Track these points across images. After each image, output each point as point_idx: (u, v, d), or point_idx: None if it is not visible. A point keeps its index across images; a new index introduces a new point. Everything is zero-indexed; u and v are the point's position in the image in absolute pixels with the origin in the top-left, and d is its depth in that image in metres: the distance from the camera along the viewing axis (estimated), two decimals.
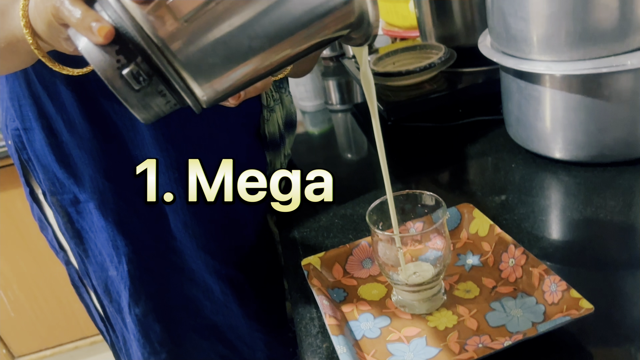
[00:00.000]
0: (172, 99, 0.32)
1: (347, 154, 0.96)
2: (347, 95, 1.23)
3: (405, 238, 0.49)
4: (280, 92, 0.72)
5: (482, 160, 0.77)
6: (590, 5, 0.58)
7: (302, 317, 0.53)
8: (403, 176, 0.76)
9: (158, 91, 0.31)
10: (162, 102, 0.32)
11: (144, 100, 0.31)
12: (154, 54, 0.30)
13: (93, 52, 0.30)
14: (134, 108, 0.32)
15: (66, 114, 0.62)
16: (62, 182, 0.66)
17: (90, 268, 0.72)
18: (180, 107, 0.33)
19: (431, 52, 0.92)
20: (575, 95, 0.63)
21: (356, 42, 0.38)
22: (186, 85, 0.31)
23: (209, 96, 0.33)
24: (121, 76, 0.30)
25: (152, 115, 0.33)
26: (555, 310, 0.45)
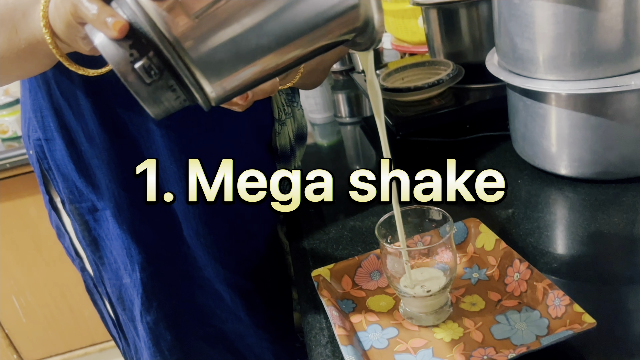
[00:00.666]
0: (181, 94, 0.33)
1: (356, 166, 0.98)
2: (356, 109, 1.25)
3: (413, 252, 0.50)
4: (292, 106, 0.74)
5: None
6: (595, 28, 0.59)
7: (312, 327, 0.55)
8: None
9: (168, 86, 0.32)
10: (172, 97, 0.33)
11: (155, 94, 0.33)
12: (165, 49, 0.31)
13: (108, 47, 0.32)
14: (145, 102, 0.33)
15: (85, 125, 0.64)
16: (81, 190, 0.68)
17: (105, 275, 0.74)
18: (189, 103, 0.34)
19: (439, 69, 0.94)
20: (580, 113, 0.64)
21: (361, 47, 0.39)
22: (195, 80, 0.32)
23: (217, 93, 0.33)
24: (134, 69, 0.32)
25: (162, 110, 0.34)
26: (559, 324, 0.46)
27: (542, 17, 0.62)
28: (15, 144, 1.59)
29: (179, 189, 0.67)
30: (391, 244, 0.52)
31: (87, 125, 0.64)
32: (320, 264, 0.61)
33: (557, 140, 0.68)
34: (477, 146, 0.85)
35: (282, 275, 0.83)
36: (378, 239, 0.51)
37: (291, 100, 0.74)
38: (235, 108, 0.51)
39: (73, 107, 0.63)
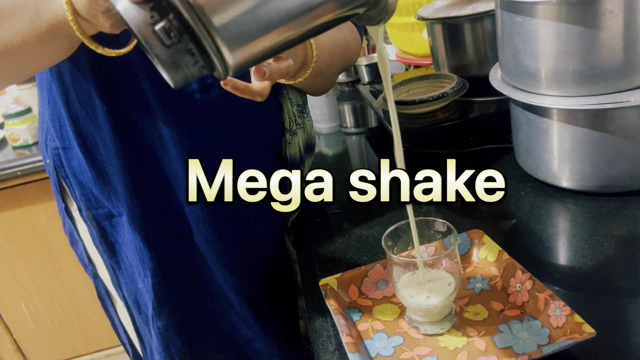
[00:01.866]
0: (200, 60, 0.34)
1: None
2: (362, 119, 1.27)
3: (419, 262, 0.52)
4: (302, 117, 0.76)
5: None
6: (596, 46, 0.61)
7: (320, 334, 0.57)
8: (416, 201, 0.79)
9: (187, 49, 0.33)
10: (191, 62, 0.33)
11: (174, 57, 0.33)
12: (185, 11, 0.32)
13: (129, 10, 0.33)
14: (164, 65, 0.33)
15: (102, 134, 0.66)
16: (98, 197, 0.70)
17: (122, 280, 0.76)
18: (207, 72, 0.35)
19: (444, 82, 0.96)
20: (581, 128, 0.66)
21: (374, 21, 0.40)
22: (214, 43, 0.33)
23: (236, 59, 0.34)
24: (154, 32, 0.32)
25: (181, 77, 0.34)
26: (560, 334, 0.48)
27: (544, 35, 0.64)
28: (26, 152, 1.62)
29: None
30: (397, 255, 0.53)
31: (103, 134, 0.66)
32: (328, 273, 0.63)
33: (559, 154, 0.69)
34: (481, 158, 0.87)
35: (289, 284, 0.85)
36: (385, 250, 0.53)
37: (302, 111, 0.76)
38: (258, 98, 0.53)
39: (91, 116, 0.66)
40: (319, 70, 0.68)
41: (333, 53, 0.72)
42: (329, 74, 0.76)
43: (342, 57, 0.76)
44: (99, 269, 0.81)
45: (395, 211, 0.77)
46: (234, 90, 0.51)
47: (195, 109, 0.65)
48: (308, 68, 0.66)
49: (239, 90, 0.51)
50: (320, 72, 0.69)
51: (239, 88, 0.51)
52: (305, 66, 0.66)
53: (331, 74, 0.77)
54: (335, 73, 0.78)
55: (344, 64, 0.78)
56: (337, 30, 0.75)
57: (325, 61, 0.69)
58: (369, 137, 1.13)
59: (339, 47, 0.74)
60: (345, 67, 0.80)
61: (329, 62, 0.70)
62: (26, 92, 1.78)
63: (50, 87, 0.68)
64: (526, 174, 0.78)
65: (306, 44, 0.65)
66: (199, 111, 0.66)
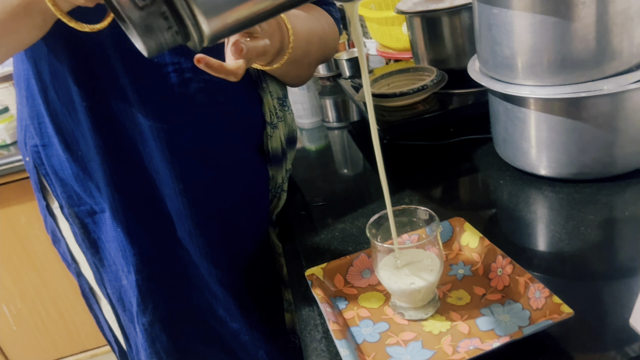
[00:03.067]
0: (174, 24, 0.33)
1: (344, 169, 1.00)
2: (344, 114, 1.28)
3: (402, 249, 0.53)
4: (283, 110, 0.77)
5: (472, 177, 0.82)
6: (570, 37, 0.63)
7: (307, 323, 0.57)
8: (397, 192, 0.80)
9: (161, 12, 0.32)
10: (164, 26, 0.33)
11: (147, 20, 0.32)
12: None
13: None
14: (137, 28, 0.33)
15: (82, 130, 0.66)
16: (79, 194, 0.70)
17: (105, 277, 0.76)
18: (181, 40, 0.34)
19: (424, 75, 0.98)
20: (557, 117, 0.68)
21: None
22: (188, 5, 0.32)
23: (211, 25, 0.33)
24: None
25: (155, 43, 0.33)
26: (539, 315, 0.49)
27: (519, 27, 0.66)
28: (5, 152, 1.60)
29: (171, 190, 0.70)
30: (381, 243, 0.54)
31: (83, 130, 0.66)
32: (313, 264, 0.63)
33: (536, 143, 0.71)
34: (461, 149, 0.89)
35: (274, 277, 0.86)
36: (370, 239, 0.54)
37: (282, 104, 0.76)
38: (232, 78, 0.52)
39: (71, 112, 0.65)
40: (296, 58, 0.69)
41: (310, 42, 0.72)
42: (306, 63, 0.76)
43: (320, 47, 0.76)
44: (82, 267, 0.81)
45: (379, 202, 0.78)
46: (207, 68, 0.50)
47: (174, 103, 0.65)
48: (285, 54, 0.66)
49: (213, 68, 0.50)
50: (297, 60, 0.70)
51: (212, 66, 0.50)
52: (282, 52, 0.66)
53: (308, 64, 0.77)
54: (313, 63, 0.79)
55: (321, 54, 0.79)
56: (314, 21, 0.76)
57: (302, 49, 0.69)
58: (351, 131, 1.14)
59: (316, 36, 0.75)
60: (322, 58, 0.81)
61: (305, 50, 0.71)
62: (3, 91, 1.75)
63: (28, 84, 0.67)
64: (505, 163, 0.80)
65: (283, 30, 0.65)
66: (179, 105, 0.66)
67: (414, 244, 0.54)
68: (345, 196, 0.86)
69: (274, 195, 0.80)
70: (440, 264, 0.53)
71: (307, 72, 0.78)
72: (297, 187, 0.90)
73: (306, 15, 0.74)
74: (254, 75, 0.71)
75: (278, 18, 0.64)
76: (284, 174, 0.79)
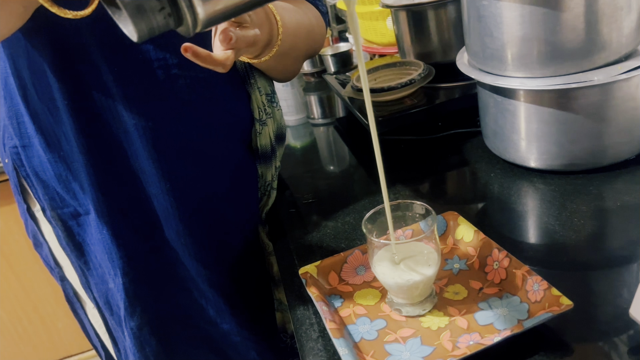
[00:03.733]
0: (166, 5, 0.31)
1: (331, 166, 0.99)
2: (329, 110, 1.27)
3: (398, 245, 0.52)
4: (272, 107, 0.75)
5: (462, 170, 0.81)
6: (559, 27, 0.63)
7: (302, 323, 0.56)
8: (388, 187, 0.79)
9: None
10: (157, 7, 0.31)
11: (139, 0, 0.31)
12: None
13: None
14: (128, 8, 0.31)
15: (64, 129, 0.63)
16: (62, 196, 0.68)
17: (91, 280, 0.74)
18: (173, 24, 0.32)
19: (410, 69, 0.97)
20: (547, 108, 0.68)
21: None
22: None
23: (206, 8, 0.32)
24: None
25: (145, 25, 0.31)
26: (538, 308, 0.49)
27: (509, 18, 0.65)
28: None
29: (158, 190, 0.68)
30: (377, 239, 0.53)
31: (65, 129, 0.63)
32: (306, 262, 0.62)
33: (526, 135, 0.71)
34: (450, 143, 0.88)
35: (264, 276, 0.84)
36: (366, 234, 0.53)
37: (271, 100, 0.75)
38: (220, 69, 0.50)
39: (51, 111, 0.63)
40: (284, 51, 0.68)
41: (297, 35, 0.71)
42: (294, 56, 0.75)
43: (307, 40, 0.75)
44: (66, 271, 0.78)
45: (369, 198, 0.77)
46: (195, 57, 0.48)
47: (160, 101, 0.64)
48: (274, 46, 0.65)
49: (201, 58, 0.49)
50: (284, 54, 0.68)
51: (200, 55, 0.48)
52: (270, 44, 0.65)
53: (295, 57, 0.76)
54: (300, 57, 0.78)
55: (309, 47, 0.78)
56: (302, 14, 0.74)
57: (290, 42, 0.68)
58: (337, 127, 1.13)
59: (304, 29, 0.73)
60: (310, 52, 0.80)
61: (293, 43, 0.70)
62: None
63: (6, 83, 0.65)
64: (495, 156, 0.79)
65: (271, 21, 0.64)
66: (165, 102, 0.64)
67: (411, 239, 0.54)
68: (335, 193, 0.85)
69: (263, 194, 0.78)
70: (437, 258, 0.52)
71: (294, 66, 0.77)
72: (286, 185, 0.88)
73: (294, 8, 0.72)
74: (242, 71, 0.70)
75: (266, 9, 0.63)
76: (273, 172, 0.78)
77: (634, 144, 0.69)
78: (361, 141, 1.01)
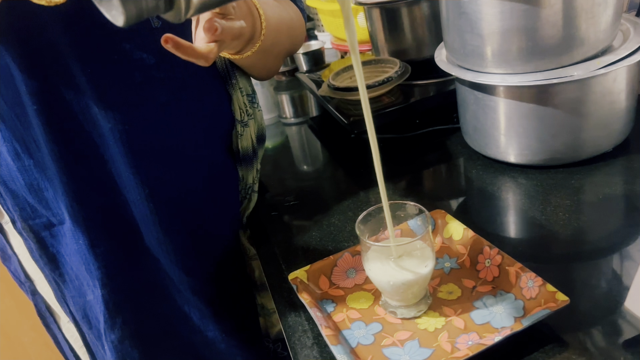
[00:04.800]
0: None
1: (309, 166, 0.98)
2: (301, 109, 1.26)
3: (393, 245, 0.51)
4: (253, 107, 0.73)
5: (443, 167, 0.81)
6: (539, 23, 0.63)
7: (294, 330, 0.55)
8: (368, 187, 0.79)
9: None
10: None
11: None
12: None
13: None
14: None
15: (34, 135, 0.60)
16: (34, 206, 0.64)
17: (67, 294, 0.70)
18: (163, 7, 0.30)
19: (386, 66, 0.96)
20: (527, 104, 0.68)
21: None
22: None
23: None
24: None
25: (135, 7, 0.29)
26: (534, 304, 0.49)
27: (489, 14, 0.65)
28: None
29: (136, 196, 0.65)
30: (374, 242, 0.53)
31: (35, 135, 0.60)
32: (293, 266, 0.61)
33: (507, 131, 0.71)
34: (429, 140, 0.88)
35: (244, 281, 0.82)
36: (359, 237, 0.52)
37: (252, 100, 0.73)
38: (202, 62, 0.48)
39: (20, 117, 0.59)
40: (266, 47, 0.66)
41: (279, 30, 0.69)
42: (275, 53, 0.73)
43: (288, 36, 0.74)
44: (38, 285, 0.74)
45: (352, 198, 0.77)
46: (176, 49, 0.46)
47: (138, 103, 0.61)
48: (256, 41, 0.63)
49: (182, 49, 0.46)
50: (266, 50, 0.67)
51: (182, 47, 0.46)
52: (253, 39, 0.63)
53: (277, 54, 0.75)
54: (281, 54, 0.76)
55: (290, 44, 0.76)
56: (282, 9, 0.73)
57: (272, 37, 0.67)
58: (311, 127, 1.12)
59: (285, 25, 0.72)
60: (291, 48, 0.78)
61: (275, 39, 0.68)
62: None
63: None
64: (475, 152, 0.80)
65: (254, 15, 0.62)
66: (142, 105, 0.61)
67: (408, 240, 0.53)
68: (316, 194, 0.83)
69: (244, 197, 0.76)
70: (433, 258, 0.52)
71: (275, 63, 0.75)
72: (265, 187, 0.87)
73: (275, 3, 0.70)
74: (223, 71, 0.68)
75: (249, 2, 0.61)
76: (254, 174, 0.76)
77: (612, 137, 0.70)
78: (337, 140, 1.00)
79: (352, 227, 0.69)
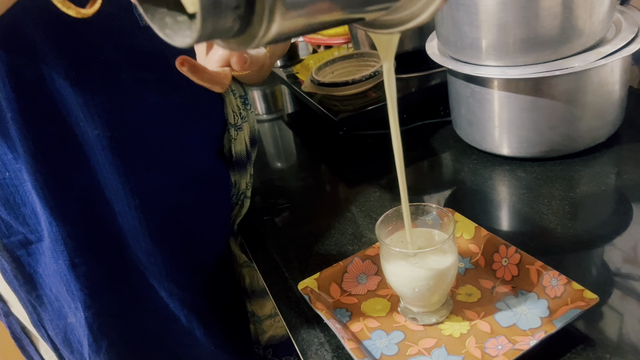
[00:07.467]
0: (242, 5, 0.25)
1: (277, 163, 0.94)
2: (274, 105, 1.22)
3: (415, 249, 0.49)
4: (246, 110, 0.69)
5: (437, 163, 0.79)
6: (539, 15, 0.62)
7: (310, 343, 0.51)
8: (359, 184, 0.76)
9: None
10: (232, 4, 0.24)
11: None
12: None
13: None
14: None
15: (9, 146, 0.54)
16: (8, 222, 0.58)
17: (45, 317, 0.64)
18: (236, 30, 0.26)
19: (369, 60, 0.94)
20: (526, 96, 0.67)
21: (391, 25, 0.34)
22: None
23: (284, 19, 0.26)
24: None
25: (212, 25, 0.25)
26: (560, 304, 0.47)
27: (487, 6, 0.64)
28: None
29: (124, 206, 0.60)
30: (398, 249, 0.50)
31: (11, 145, 0.54)
32: (298, 274, 0.58)
33: (506, 124, 0.70)
34: (420, 135, 0.86)
35: (234, 289, 0.78)
36: (380, 241, 0.49)
37: (245, 102, 0.69)
38: (217, 88, 0.45)
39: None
40: (266, 62, 0.63)
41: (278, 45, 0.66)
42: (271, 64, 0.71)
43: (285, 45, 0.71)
44: (12, 306, 0.68)
45: (347, 198, 0.74)
46: (191, 73, 0.43)
47: (126, 107, 0.56)
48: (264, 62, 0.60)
49: (198, 73, 0.43)
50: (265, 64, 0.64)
51: (198, 71, 0.43)
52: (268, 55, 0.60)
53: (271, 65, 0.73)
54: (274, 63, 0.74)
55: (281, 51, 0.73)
56: None
57: (276, 56, 0.64)
58: (288, 123, 1.08)
59: None
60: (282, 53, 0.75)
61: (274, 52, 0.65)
62: None
63: None
64: (469, 146, 0.78)
65: None
66: (131, 109, 0.56)
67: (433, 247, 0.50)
68: (308, 195, 0.80)
69: (236, 203, 0.72)
70: (456, 262, 0.49)
71: (269, 70, 0.72)
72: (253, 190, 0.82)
73: None
74: None
75: None
76: (248, 179, 0.72)
77: (607, 127, 0.70)
78: (319, 137, 0.96)
79: (354, 228, 0.66)
